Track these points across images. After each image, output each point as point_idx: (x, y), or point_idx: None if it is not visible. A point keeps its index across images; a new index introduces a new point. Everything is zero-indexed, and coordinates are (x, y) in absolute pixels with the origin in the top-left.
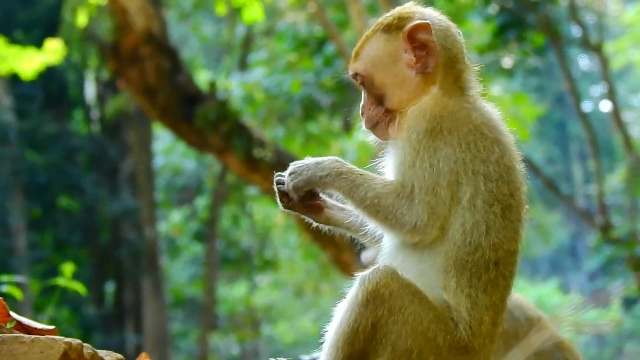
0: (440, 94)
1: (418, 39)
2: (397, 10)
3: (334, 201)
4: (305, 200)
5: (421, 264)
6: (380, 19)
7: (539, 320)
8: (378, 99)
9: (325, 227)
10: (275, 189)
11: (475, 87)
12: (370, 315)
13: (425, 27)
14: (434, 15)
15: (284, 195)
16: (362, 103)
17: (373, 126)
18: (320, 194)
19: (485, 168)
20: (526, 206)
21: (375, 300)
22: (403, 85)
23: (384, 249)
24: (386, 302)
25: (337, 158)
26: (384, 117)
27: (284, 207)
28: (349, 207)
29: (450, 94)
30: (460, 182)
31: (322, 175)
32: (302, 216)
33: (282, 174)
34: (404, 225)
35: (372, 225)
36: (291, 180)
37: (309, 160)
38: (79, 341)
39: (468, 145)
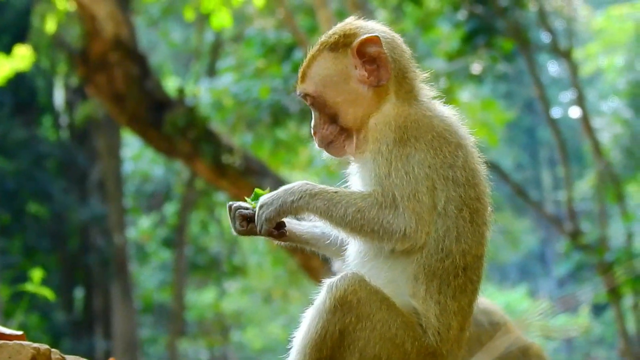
0: (399, 103)
1: (368, 53)
2: (340, 27)
3: (289, 218)
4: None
5: (391, 271)
6: (323, 38)
7: (504, 325)
8: (331, 117)
9: (284, 244)
10: (231, 214)
11: (428, 93)
12: (337, 321)
13: (374, 40)
14: (377, 27)
15: (244, 219)
16: (313, 122)
17: (327, 145)
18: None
19: (453, 173)
20: (490, 208)
21: (343, 307)
22: (357, 102)
23: (350, 259)
24: (354, 308)
25: (306, 181)
26: (339, 135)
27: (241, 232)
28: (327, 226)
29: (409, 102)
30: (436, 188)
31: (293, 200)
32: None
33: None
34: (393, 234)
35: (356, 240)
36: (262, 213)
37: (277, 190)
38: (47, 346)
39: (435, 151)
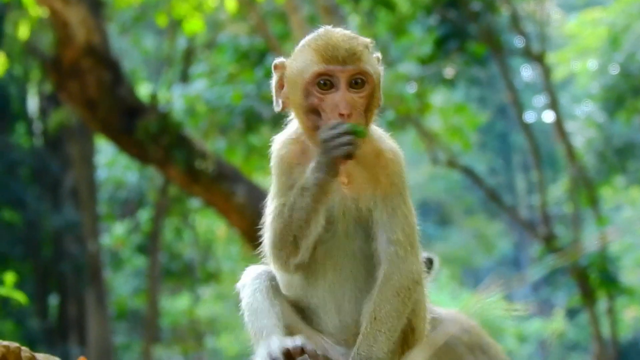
0: None
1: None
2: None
3: None
4: None
5: None
6: (360, 37)
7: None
8: (365, 108)
9: None
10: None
11: None
12: None
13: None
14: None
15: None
16: (346, 100)
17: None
18: None
19: None
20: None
21: None
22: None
23: None
24: None
25: None
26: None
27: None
28: None
29: None
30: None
31: None
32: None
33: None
34: None
35: None
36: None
37: None
38: (16, 344)
39: None
